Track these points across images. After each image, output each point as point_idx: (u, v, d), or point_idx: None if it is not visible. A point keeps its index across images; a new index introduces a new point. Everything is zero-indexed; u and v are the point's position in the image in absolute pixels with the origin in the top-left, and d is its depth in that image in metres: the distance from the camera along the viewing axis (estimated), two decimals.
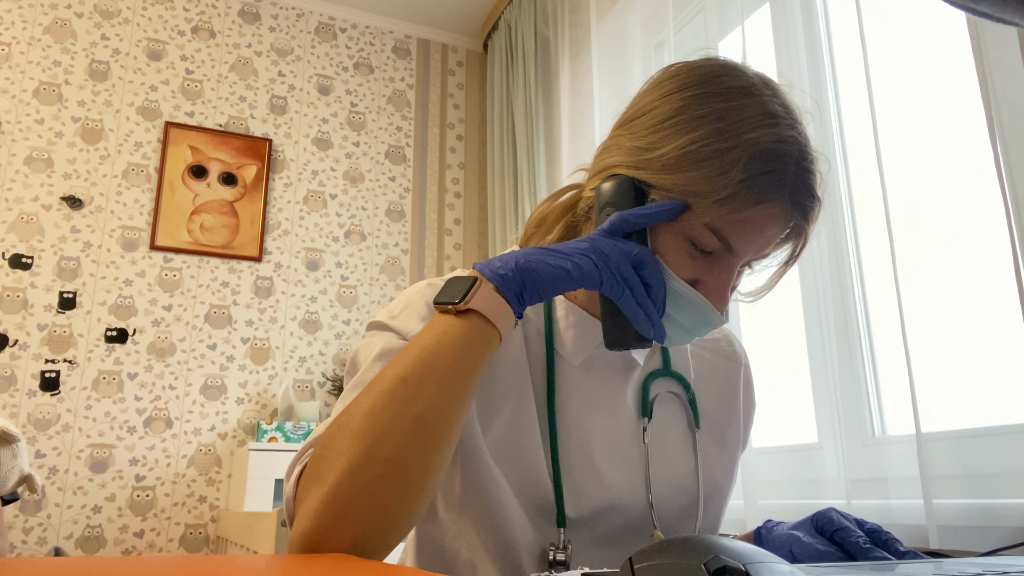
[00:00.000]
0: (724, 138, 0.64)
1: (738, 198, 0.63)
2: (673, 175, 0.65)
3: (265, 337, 3.00)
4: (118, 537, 2.64)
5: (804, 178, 0.66)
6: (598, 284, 0.63)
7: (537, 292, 0.63)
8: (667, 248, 0.67)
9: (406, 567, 0.39)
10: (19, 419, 2.61)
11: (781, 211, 0.66)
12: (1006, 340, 1.22)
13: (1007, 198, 1.08)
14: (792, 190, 0.65)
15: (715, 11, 1.80)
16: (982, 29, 1.16)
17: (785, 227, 0.68)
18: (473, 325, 0.61)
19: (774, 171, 0.64)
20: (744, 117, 0.65)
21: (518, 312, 0.63)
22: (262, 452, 2.55)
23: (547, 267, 0.63)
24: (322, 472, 0.56)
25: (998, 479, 1.14)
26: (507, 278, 0.62)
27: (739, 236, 0.66)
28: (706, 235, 0.66)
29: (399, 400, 0.57)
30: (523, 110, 2.87)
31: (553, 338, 0.76)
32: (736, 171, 0.63)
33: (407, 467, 0.55)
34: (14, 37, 2.89)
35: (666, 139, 0.66)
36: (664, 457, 0.76)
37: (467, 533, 0.72)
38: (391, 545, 0.56)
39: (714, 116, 0.65)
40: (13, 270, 2.71)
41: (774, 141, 0.64)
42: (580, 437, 0.73)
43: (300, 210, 3.17)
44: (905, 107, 1.45)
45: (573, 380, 0.76)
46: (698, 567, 0.33)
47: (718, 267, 0.68)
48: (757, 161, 0.63)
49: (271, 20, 3.33)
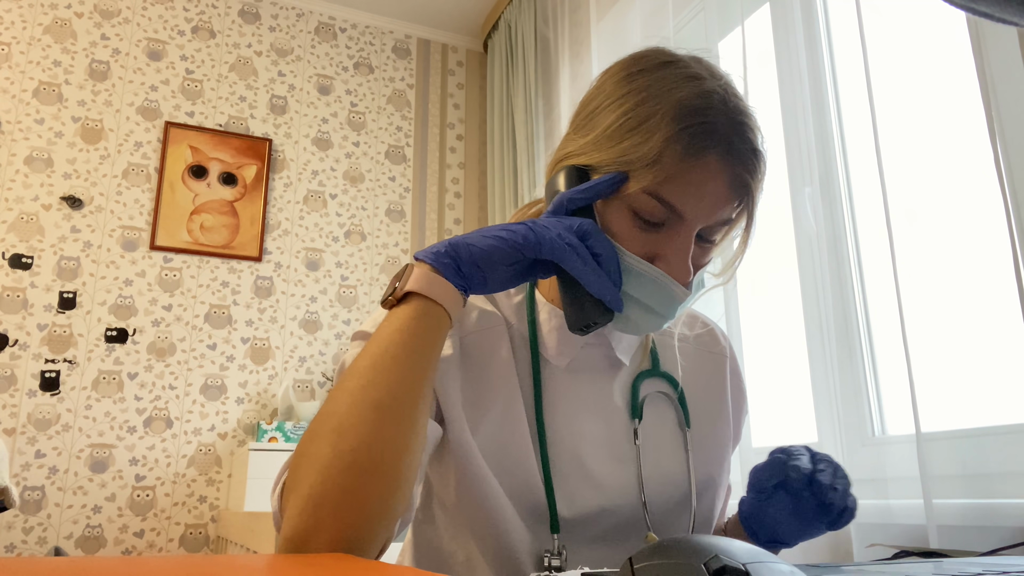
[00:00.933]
0: (648, 105, 0.65)
1: (668, 155, 0.63)
2: (608, 151, 0.67)
3: (265, 337, 3.00)
4: (118, 537, 2.64)
5: (737, 129, 0.65)
6: (538, 249, 0.63)
7: (475, 263, 0.63)
8: (616, 225, 0.67)
9: (406, 567, 0.39)
10: (19, 419, 2.61)
11: (718, 164, 0.65)
12: (1006, 340, 1.22)
13: (1007, 198, 1.08)
14: (725, 141, 0.65)
15: (715, 11, 1.80)
16: (982, 29, 1.16)
17: (727, 182, 0.66)
18: (414, 306, 0.61)
19: (701, 123, 0.64)
20: (666, 83, 0.66)
21: (460, 284, 0.63)
22: (262, 452, 2.55)
23: (481, 238, 0.63)
24: (296, 479, 0.56)
25: (998, 479, 1.14)
26: (440, 253, 0.63)
27: (680, 197, 0.65)
28: (648, 202, 0.65)
29: (355, 392, 0.57)
30: (523, 110, 2.87)
31: (537, 342, 0.76)
32: (662, 129, 0.64)
33: (373, 455, 0.55)
34: (14, 37, 2.89)
35: (599, 122, 0.69)
36: (655, 457, 0.76)
37: (464, 535, 0.72)
38: (377, 537, 0.55)
39: (638, 89, 0.67)
40: (13, 270, 2.71)
41: (698, 95, 0.65)
42: (570, 440, 0.73)
43: (300, 210, 3.17)
44: (905, 107, 1.45)
45: (560, 383, 0.76)
46: (698, 567, 0.33)
47: (671, 237, 0.66)
48: (682, 115, 0.64)
49: (271, 20, 3.33)
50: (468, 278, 0.63)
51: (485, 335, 0.76)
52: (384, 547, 0.58)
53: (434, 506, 0.76)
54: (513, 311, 0.78)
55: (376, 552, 0.56)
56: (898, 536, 1.18)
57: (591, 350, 0.78)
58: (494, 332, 0.76)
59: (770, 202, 1.70)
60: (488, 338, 0.76)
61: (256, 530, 1.97)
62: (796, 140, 1.59)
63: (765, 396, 1.66)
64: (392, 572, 0.37)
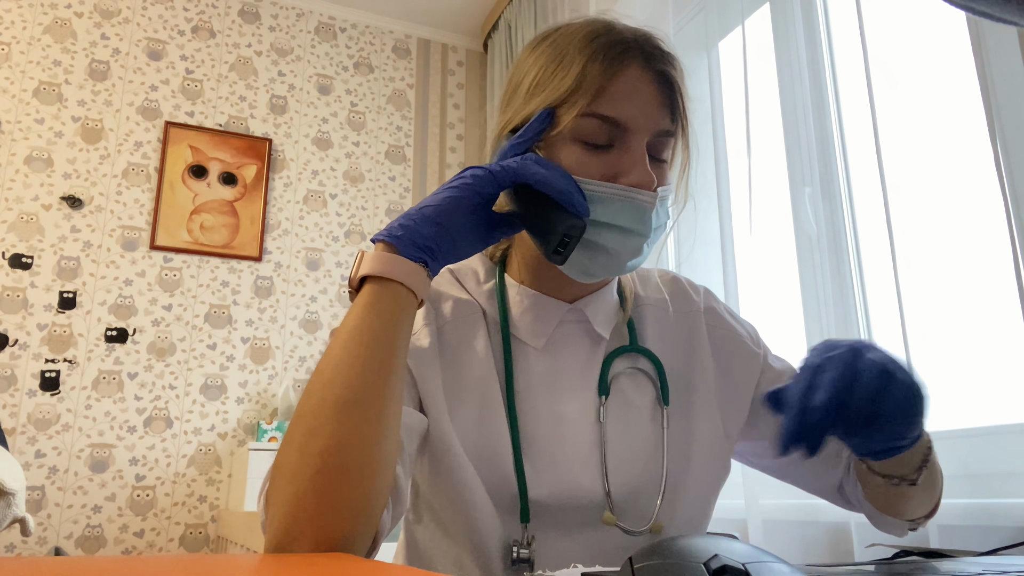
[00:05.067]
0: (558, 49, 0.70)
1: (591, 74, 0.67)
2: (536, 101, 0.70)
3: (265, 337, 3.00)
4: (118, 537, 2.64)
5: (645, 39, 0.70)
6: (492, 181, 0.63)
7: (434, 222, 0.61)
8: (565, 158, 0.68)
9: (405, 567, 0.39)
10: (19, 419, 2.61)
11: (639, 68, 0.68)
12: (1006, 340, 1.22)
13: (1007, 198, 1.08)
14: (638, 48, 0.69)
15: (715, 11, 1.80)
16: (982, 29, 1.16)
17: (654, 81, 0.69)
18: (369, 292, 0.59)
19: (612, 39, 0.68)
20: (571, 31, 0.71)
21: (417, 256, 0.60)
22: (262, 452, 2.55)
23: (434, 196, 0.63)
24: (274, 488, 0.55)
25: (998, 479, 1.14)
26: (392, 227, 0.61)
27: (616, 106, 0.67)
28: (589, 124, 0.67)
29: (317, 392, 0.56)
30: None
31: (509, 324, 0.75)
32: (578, 59, 0.68)
33: (342, 455, 0.54)
34: (14, 37, 2.89)
35: (521, 88, 0.73)
36: (626, 437, 0.72)
37: (451, 533, 0.71)
38: (360, 535, 0.54)
39: (547, 45, 0.72)
40: (13, 270, 2.71)
41: (599, 23, 0.71)
42: (546, 424, 0.72)
43: (300, 210, 3.17)
44: (905, 107, 1.45)
45: (536, 365, 0.74)
46: (698, 567, 0.33)
47: (623, 151, 0.68)
48: (592, 40, 0.68)
49: (271, 20, 3.33)
50: (429, 247, 0.61)
51: (461, 324, 0.75)
52: (376, 542, 0.57)
53: (421, 506, 0.75)
54: (486, 298, 0.77)
55: (365, 547, 0.56)
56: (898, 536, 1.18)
57: (568, 327, 0.76)
58: (470, 320, 0.75)
59: (770, 202, 1.70)
60: (464, 327, 0.75)
61: (256, 530, 1.97)
62: (796, 140, 1.59)
63: None
64: (391, 572, 0.37)
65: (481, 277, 0.79)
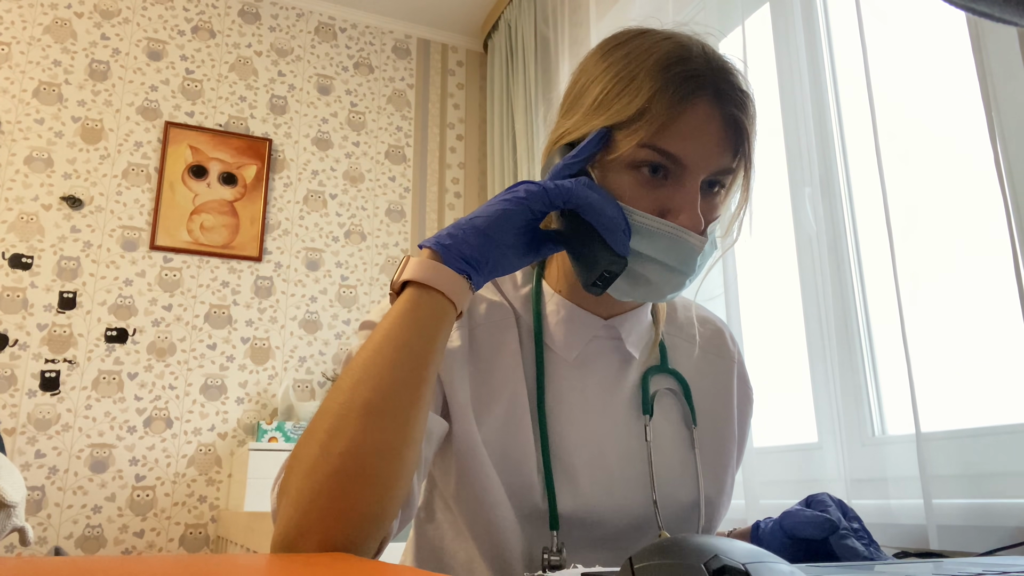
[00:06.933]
0: (631, 68, 0.67)
1: (658, 105, 0.64)
2: (599, 120, 0.67)
3: (265, 337, 3.00)
4: (118, 537, 2.64)
5: (720, 73, 0.67)
6: (544, 198, 0.62)
7: (483, 233, 0.61)
8: (618, 187, 0.66)
9: (406, 567, 0.39)
10: (19, 419, 2.61)
11: (708, 106, 0.65)
12: (1006, 340, 1.22)
13: (1007, 198, 1.08)
14: (711, 84, 0.66)
15: (715, 11, 1.80)
16: (982, 29, 1.16)
17: (721, 123, 0.66)
18: (411, 297, 0.59)
19: (685, 70, 0.65)
20: (644, 47, 0.68)
21: (461, 268, 0.60)
22: (262, 452, 2.55)
23: (486, 207, 0.62)
24: (288, 482, 0.55)
25: (998, 479, 1.14)
26: (441, 236, 0.61)
27: (677, 143, 0.65)
28: (647, 154, 0.65)
29: (346, 391, 0.56)
30: (523, 110, 2.87)
31: (543, 334, 0.75)
32: (648, 84, 0.65)
33: (361, 460, 0.53)
34: (14, 37, 2.89)
35: (585, 98, 0.70)
36: (662, 455, 0.74)
37: (464, 535, 0.71)
38: (367, 540, 0.54)
39: (618, 59, 0.69)
40: (13, 270, 2.71)
41: (677, 48, 0.67)
42: (576, 435, 0.72)
43: (300, 210, 3.17)
44: (905, 107, 1.45)
45: (567, 376, 0.74)
46: (698, 567, 0.33)
47: (676, 189, 0.66)
48: (665, 67, 0.65)
49: (271, 20, 3.33)
50: (474, 259, 0.61)
51: (494, 327, 0.74)
52: (382, 546, 0.57)
53: (436, 504, 0.75)
54: (521, 303, 0.77)
55: (372, 551, 0.55)
56: (898, 536, 1.18)
57: (600, 343, 0.76)
58: (503, 324, 0.75)
59: (770, 202, 1.70)
60: (497, 330, 0.74)
61: (256, 530, 1.97)
62: (796, 140, 1.59)
63: (765, 396, 1.66)
64: (392, 572, 0.37)
65: (519, 280, 0.79)
